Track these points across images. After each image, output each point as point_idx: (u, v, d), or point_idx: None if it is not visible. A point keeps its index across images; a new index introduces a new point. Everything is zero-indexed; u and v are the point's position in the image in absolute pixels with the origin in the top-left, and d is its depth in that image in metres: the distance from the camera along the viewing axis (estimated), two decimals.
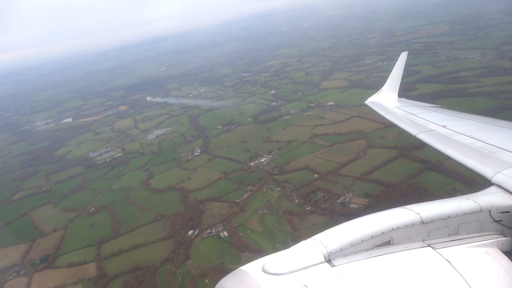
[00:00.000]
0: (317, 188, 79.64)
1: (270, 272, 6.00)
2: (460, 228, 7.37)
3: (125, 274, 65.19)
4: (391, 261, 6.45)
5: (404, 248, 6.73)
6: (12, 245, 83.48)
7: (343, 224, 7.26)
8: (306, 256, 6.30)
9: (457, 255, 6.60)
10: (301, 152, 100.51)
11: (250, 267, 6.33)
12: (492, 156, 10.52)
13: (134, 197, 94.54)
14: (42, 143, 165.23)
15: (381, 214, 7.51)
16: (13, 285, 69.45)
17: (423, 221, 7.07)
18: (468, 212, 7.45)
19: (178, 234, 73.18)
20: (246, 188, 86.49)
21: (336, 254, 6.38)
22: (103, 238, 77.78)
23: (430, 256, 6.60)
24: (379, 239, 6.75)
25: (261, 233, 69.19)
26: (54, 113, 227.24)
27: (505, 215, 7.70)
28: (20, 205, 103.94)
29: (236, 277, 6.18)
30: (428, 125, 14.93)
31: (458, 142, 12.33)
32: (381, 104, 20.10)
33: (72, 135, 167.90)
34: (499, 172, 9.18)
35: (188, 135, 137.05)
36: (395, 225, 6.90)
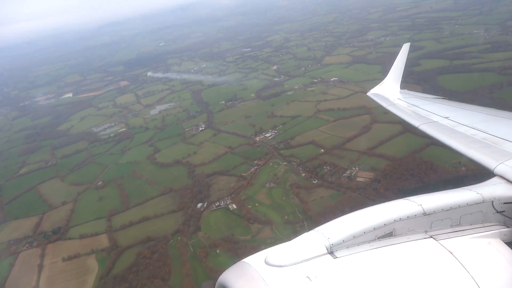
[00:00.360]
0: (323, 162, 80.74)
1: (273, 264, 5.96)
2: (462, 219, 7.31)
3: (137, 245, 66.79)
4: (393, 252, 6.41)
5: (406, 240, 6.70)
6: (22, 217, 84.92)
7: (346, 216, 7.20)
8: (309, 248, 6.24)
9: (460, 246, 6.58)
10: (306, 127, 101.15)
11: (253, 259, 6.33)
12: (495, 147, 10.54)
13: (140, 171, 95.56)
14: (44, 118, 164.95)
15: (383, 205, 7.49)
16: (27, 255, 71.11)
17: (425, 212, 7.02)
18: (471, 203, 7.41)
19: (187, 207, 74.55)
20: (253, 163, 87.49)
21: (338, 246, 6.32)
22: (113, 210, 79.14)
23: (432, 247, 6.57)
24: (382, 230, 6.69)
25: (270, 205, 70.60)
26: (53, 88, 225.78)
27: (508, 206, 7.65)
28: (27, 179, 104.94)
29: (239, 269, 6.16)
30: (430, 117, 15.04)
31: (460, 133, 12.39)
32: (383, 95, 20.13)
33: (74, 110, 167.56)
34: (502, 163, 9.16)
35: (191, 110, 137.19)
36: (397, 217, 6.85)
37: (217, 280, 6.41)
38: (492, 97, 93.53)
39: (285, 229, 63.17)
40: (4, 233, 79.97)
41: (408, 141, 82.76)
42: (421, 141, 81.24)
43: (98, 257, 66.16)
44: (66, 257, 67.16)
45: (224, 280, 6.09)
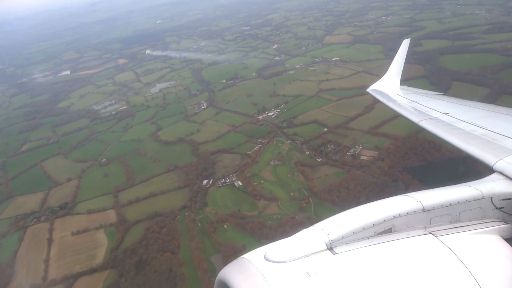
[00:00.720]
0: (327, 141, 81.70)
1: (272, 260, 6.01)
2: (461, 216, 7.34)
3: (145, 220, 67.94)
4: (392, 248, 6.42)
5: (405, 236, 6.72)
6: (28, 193, 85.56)
7: (345, 212, 7.21)
8: (308, 244, 6.30)
9: (459, 242, 6.60)
10: (309, 106, 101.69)
11: (253, 255, 6.34)
12: (495, 143, 10.52)
13: (144, 149, 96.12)
14: (43, 95, 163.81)
15: (383, 201, 7.59)
16: (36, 230, 72.11)
17: (424, 208, 7.05)
18: (470, 200, 7.42)
19: (193, 183, 75.49)
20: (257, 141, 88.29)
21: (338, 242, 6.35)
22: (119, 187, 80.00)
23: (431, 244, 6.58)
24: (381, 226, 6.75)
25: (275, 182, 71.74)
26: (50, 65, 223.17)
27: (507, 202, 7.66)
28: (30, 156, 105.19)
29: (239, 265, 6.17)
30: (430, 113, 14.98)
31: (460, 130, 12.29)
32: (383, 92, 20.05)
33: (72, 88, 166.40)
34: (501, 159, 9.20)
35: (192, 89, 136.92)
36: (396, 213, 6.91)
37: (217, 276, 6.35)
38: (495, 78, 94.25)
39: (291, 206, 64.55)
40: (11, 208, 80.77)
41: (411, 120, 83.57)
42: None
43: (107, 231, 67.33)
44: (75, 231, 68.29)
45: (224, 276, 6.06)
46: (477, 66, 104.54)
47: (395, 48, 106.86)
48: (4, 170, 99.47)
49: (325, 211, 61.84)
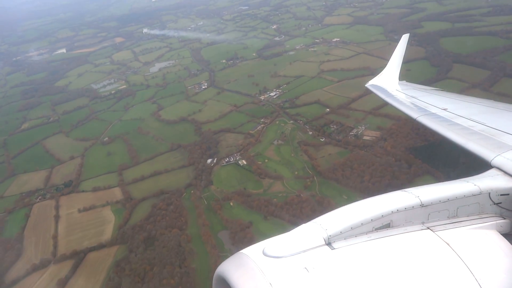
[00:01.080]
0: (329, 121, 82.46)
1: (271, 255, 5.98)
2: (459, 211, 7.42)
3: (151, 198, 68.83)
4: (390, 243, 6.47)
5: (403, 231, 6.78)
6: (31, 171, 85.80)
7: (343, 207, 7.20)
8: (306, 239, 6.27)
9: (456, 238, 6.68)
10: (310, 87, 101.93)
11: (251, 251, 6.31)
12: (493, 138, 10.54)
13: (146, 128, 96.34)
14: (40, 74, 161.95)
15: (381, 197, 7.49)
16: (41, 207, 72.74)
17: (422, 204, 7.09)
18: (468, 195, 7.49)
19: (198, 162, 76.20)
20: (259, 121, 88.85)
21: (336, 237, 6.34)
22: (123, 165, 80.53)
23: (429, 239, 6.67)
24: (379, 222, 6.74)
25: (279, 161, 72.68)
26: (45, 43, 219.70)
27: (505, 198, 7.77)
28: (31, 134, 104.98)
29: (237, 260, 6.15)
30: (429, 108, 14.81)
31: (458, 125, 12.24)
32: (382, 87, 19.81)
33: (70, 67, 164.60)
34: (499, 154, 9.23)
35: (192, 68, 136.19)
36: (395, 208, 6.89)
37: (215, 271, 6.31)
38: (495, 61, 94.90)
39: (296, 184, 65.67)
40: (15, 186, 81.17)
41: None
42: None
43: (113, 208, 68.18)
44: (81, 208, 69.07)
45: (222, 271, 6.04)
46: (477, 49, 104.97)
47: (396, 30, 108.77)
48: (6, 148, 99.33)
49: (330, 189, 63.21)
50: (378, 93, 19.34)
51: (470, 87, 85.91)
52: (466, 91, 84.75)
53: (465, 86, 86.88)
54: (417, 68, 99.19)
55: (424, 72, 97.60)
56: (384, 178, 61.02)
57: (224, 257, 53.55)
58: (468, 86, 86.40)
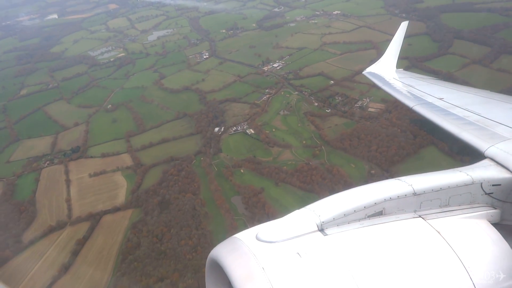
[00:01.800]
0: (334, 93, 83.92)
1: (264, 240, 6.02)
2: (451, 200, 7.49)
3: (161, 164, 70.06)
4: (382, 231, 6.54)
5: (395, 219, 6.84)
6: (35, 137, 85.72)
7: (337, 194, 7.13)
8: (299, 225, 6.31)
9: (447, 226, 6.78)
10: (313, 59, 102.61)
11: (244, 235, 6.30)
12: (487, 129, 10.57)
13: (150, 96, 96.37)
14: (33, 39, 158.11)
15: (374, 185, 7.50)
16: (50, 171, 73.32)
17: (415, 192, 7.14)
18: (460, 185, 7.56)
19: (205, 130, 77.30)
20: (264, 91, 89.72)
21: (329, 224, 6.37)
22: (130, 132, 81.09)
23: (420, 227, 6.76)
24: (372, 209, 6.80)
25: (286, 131, 74.26)
26: (35, 8, 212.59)
27: (496, 188, 7.87)
28: (31, 100, 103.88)
29: (230, 245, 6.13)
30: (425, 98, 14.93)
31: (454, 115, 12.31)
32: (379, 75, 19.78)
33: (64, 33, 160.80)
34: (492, 145, 9.29)
35: (191, 38, 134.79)
36: (387, 196, 6.95)
37: (209, 255, 6.34)
38: (495, 37, 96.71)
39: (304, 152, 67.58)
40: (20, 151, 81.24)
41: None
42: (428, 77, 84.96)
43: (124, 174, 69.27)
44: (92, 173, 69.95)
45: (215, 255, 6.08)
46: (477, 25, 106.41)
47: (396, 4, 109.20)
48: (6, 113, 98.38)
49: (338, 158, 65.31)
50: (375, 80, 19.39)
51: (471, 63, 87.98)
52: (467, 67, 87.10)
53: (466, 62, 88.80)
54: (419, 43, 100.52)
55: (426, 47, 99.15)
56: (390, 148, 63.25)
57: (238, 220, 55.94)
58: (469, 62, 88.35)
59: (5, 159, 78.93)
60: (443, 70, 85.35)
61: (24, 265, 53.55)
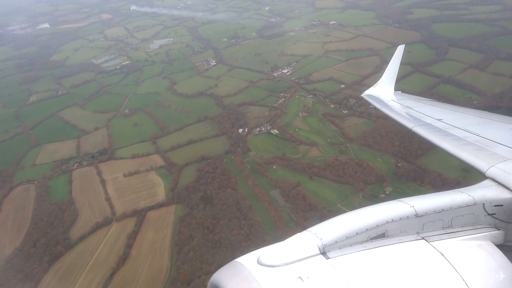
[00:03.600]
0: (347, 95, 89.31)
1: (265, 264, 5.95)
2: (454, 221, 7.44)
3: (193, 163, 72.83)
4: (385, 253, 6.48)
5: (398, 241, 6.78)
6: (56, 141, 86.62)
7: (338, 217, 7.15)
8: (301, 248, 6.26)
9: (451, 248, 6.70)
10: (320, 65, 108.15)
11: (245, 259, 6.23)
12: (487, 149, 10.58)
13: (166, 101, 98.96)
14: (29, 48, 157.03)
15: (376, 207, 7.47)
16: (81, 173, 74.60)
17: (417, 214, 7.10)
18: (462, 205, 7.52)
19: (230, 131, 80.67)
20: (279, 95, 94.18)
21: (331, 247, 6.34)
22: (154, 135, 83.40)
23: (424, 249, 6.69)
24: (374, 231, 6.77)
25: (309, 131, 78.71)
26: (23, 17, 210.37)
27: (499, 209, 7.82)
28: (42, 107, 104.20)
29: (232, 269, 6.08)
30: (424, 119, 14.83)
31: (453, 136, 12.28)
32: (378, 97, 19.97)
33: (61, 41, 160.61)
34: (493, 165, 9.27)
35: (194, 46, 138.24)
36: (389, 218, 6.92)
37: (209, 280, 6.25)
38: (486, 45, 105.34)
39: (331, 149, 72.11)
40: (44, 155, 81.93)
41: (420, 79, 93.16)
42: (432, 80, 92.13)
43: (158, 173, 71.65)
44: (126, 173, 71.90)
45: (216, 280, 6.02)
46: (467, 34, 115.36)
47: (388, 15, 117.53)
48: (19, 120, 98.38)
49: (364, 153, 70.17)
50: (374, 103, 19.51)
51: (469, 67, 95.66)
52: (466, 71, 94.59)
53: (463, 66, 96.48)
54: (417, 50, 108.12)
55: (424, 54, 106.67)
56: (412, 143, 68.57)
57: (282, 211, 59.51)
58: (467, 67, 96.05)
59: (30, 163, 79.60)
60: (446, 74, 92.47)
61: (79, 259, 55.22)
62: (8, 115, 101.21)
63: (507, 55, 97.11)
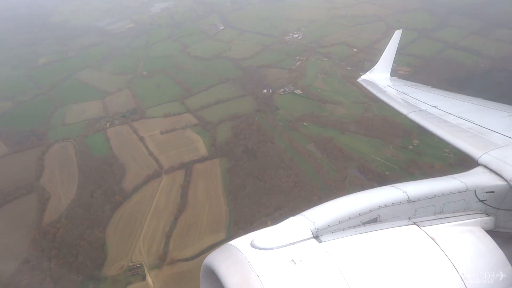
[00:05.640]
0: (362, 58, 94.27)
1: (259, 247, 5.82)
2: (445, 207, 7.37)
3: (226, 121, 76.39)
4: (377, 238, 6.40)
5: (390, 226, 6.67)
6: (81, 101, 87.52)
7: (332, 201, 6.92)
8: (294, 232, 6.10)
9: (441, 233, 6.65)
10: (329, 30, 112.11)
11: (239, 242, 6.05)
12: (481, 136, 10.67)
13: (182, 64, 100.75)
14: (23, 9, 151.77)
15: (369, 192, 7.28)
16: (116, 131, 76.73)
17: (410, 199, 6.97)
18: (454, 192, 7.45)
19: (255, 92, 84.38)
20: (295, 58, 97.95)
21: (323, 231, 6.19)
22: (181, 95, 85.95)
23: (415, 234, 6.59)
24: (366, 216, 6.63)
25: (331, 91, 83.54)
26: None
27: (490, 195, 7.79)
28: (56, 69, 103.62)
29: (225, 252, 5.91)
30: (419, 105, 14.85)
31: (448, 123, 12.38)
32: (374, 82, 20.01)
33: (56, 2, 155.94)
34: (486, 152, 9.28)
35: (197, 10, 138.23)
36: (382, 203, 6.80)
37: (203, 262, 6.04)
38: (485, 12, 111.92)
39: (356, 107, 77.41)
40: (72, 115, 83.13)
41: (427, 44, 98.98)
42: (438, 45, 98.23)
43: (195, 130, 74.97)
44: (163, 130, 74.85)
45: (210, 262, 5.85)
46: (466, 1, 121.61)
47: None
48: (33, 81, 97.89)
49: (387, 111, 75.24)
50: (370, 88, 19.38)
51: (470, 34, 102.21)
52: (468, 37, 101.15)
53: (465, 33, 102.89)
54: (419, 17, 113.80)
55: (426, 20, 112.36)
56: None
57: (322, 162, 64.89)
58: (468, 33, 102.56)
59: (60, 122, 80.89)
60: (450, 40, 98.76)
61: (139, 207, 58.94)
62: (20, 77, 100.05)
63: (506, 22, 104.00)
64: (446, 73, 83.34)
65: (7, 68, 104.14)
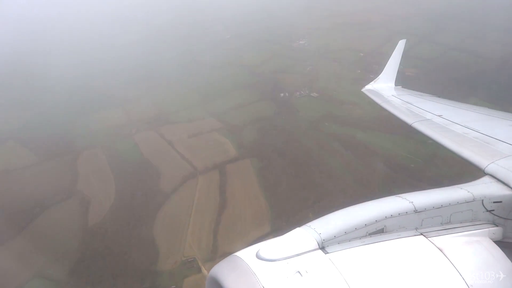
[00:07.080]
0: (369, 62, 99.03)
1: (264, 258, 5.83)
2: (452, 217, 7.36)
3: (249, 124, 79.38)
4: (384, 248, 6.40)
5: (397, 236, 6.65)
6: (103, 109, 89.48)
7: (337, 212, 7.01)
8: (300, 243, 6.13)
9: (449, 244, 6.62)
10: (333, 37, 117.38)
11: (244, 253, 6.08)
12: (487, 146, 10.51)
13: (194, 70, 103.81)
14: None
15: (375, 202, 7.36)
16: (143, 137, 78.58)
17: (416, 209, 6.99)
18: (461, 202, 7.44)
19: (272, 96, 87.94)
20: (304, 63, 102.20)
21: (329, 241, 6.22)
22: (200, 101, 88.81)
23: (422, 244, 6.58)
24: (373, 227, 6.65)
25: (345, 93, 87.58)
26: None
27: (497, 205, 7.75)
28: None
29: (230, 263, 5.94)
30: (424, 114, 15.00)
31: (453, 132, 12.36)
32: (378, 92, 20.18)
33: None
34: (492, 162, 9.12)
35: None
36: (388, 213, 6.81)
37: (208, 273, 6.08)
38: None
39: (372, 107, 79.69)
40: (95, 122, 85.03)
41: (429, 47, 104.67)
42: (440, 48, 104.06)
43: (221, 133, 77.74)
44: (190, 134, 77.41)
45: (215, 274, 5.87)
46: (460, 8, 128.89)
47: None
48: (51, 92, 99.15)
49: None
50: (374, 98, 19.48)
51: (467, 37, 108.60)
52: (466, 40, 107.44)
53: (463, 36, 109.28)
54: (417, 23, 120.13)
55: (424, 26, 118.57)
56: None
57: (349, 157, 68.55)
58: (465, 37, 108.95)
59: (84, 130, 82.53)
60: (450, 43, 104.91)
61: (181, 206, 61.01)
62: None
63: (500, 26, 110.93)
64: (453, 72, 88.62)
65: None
